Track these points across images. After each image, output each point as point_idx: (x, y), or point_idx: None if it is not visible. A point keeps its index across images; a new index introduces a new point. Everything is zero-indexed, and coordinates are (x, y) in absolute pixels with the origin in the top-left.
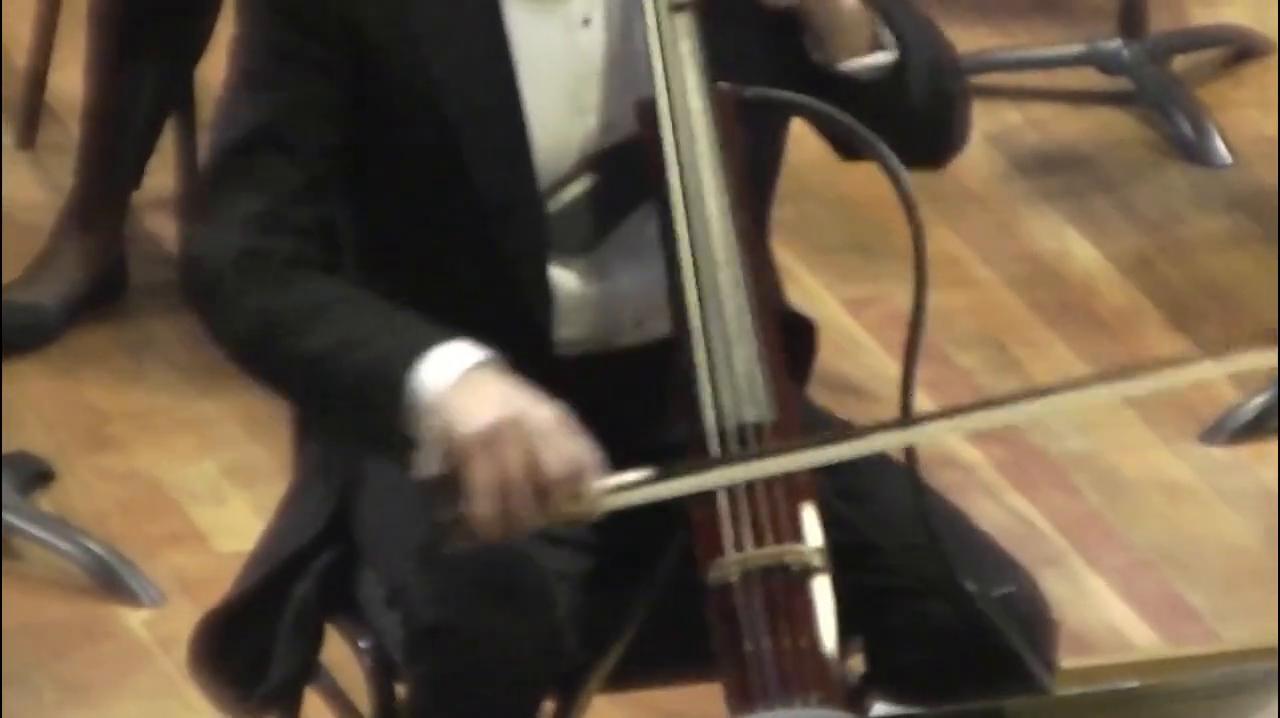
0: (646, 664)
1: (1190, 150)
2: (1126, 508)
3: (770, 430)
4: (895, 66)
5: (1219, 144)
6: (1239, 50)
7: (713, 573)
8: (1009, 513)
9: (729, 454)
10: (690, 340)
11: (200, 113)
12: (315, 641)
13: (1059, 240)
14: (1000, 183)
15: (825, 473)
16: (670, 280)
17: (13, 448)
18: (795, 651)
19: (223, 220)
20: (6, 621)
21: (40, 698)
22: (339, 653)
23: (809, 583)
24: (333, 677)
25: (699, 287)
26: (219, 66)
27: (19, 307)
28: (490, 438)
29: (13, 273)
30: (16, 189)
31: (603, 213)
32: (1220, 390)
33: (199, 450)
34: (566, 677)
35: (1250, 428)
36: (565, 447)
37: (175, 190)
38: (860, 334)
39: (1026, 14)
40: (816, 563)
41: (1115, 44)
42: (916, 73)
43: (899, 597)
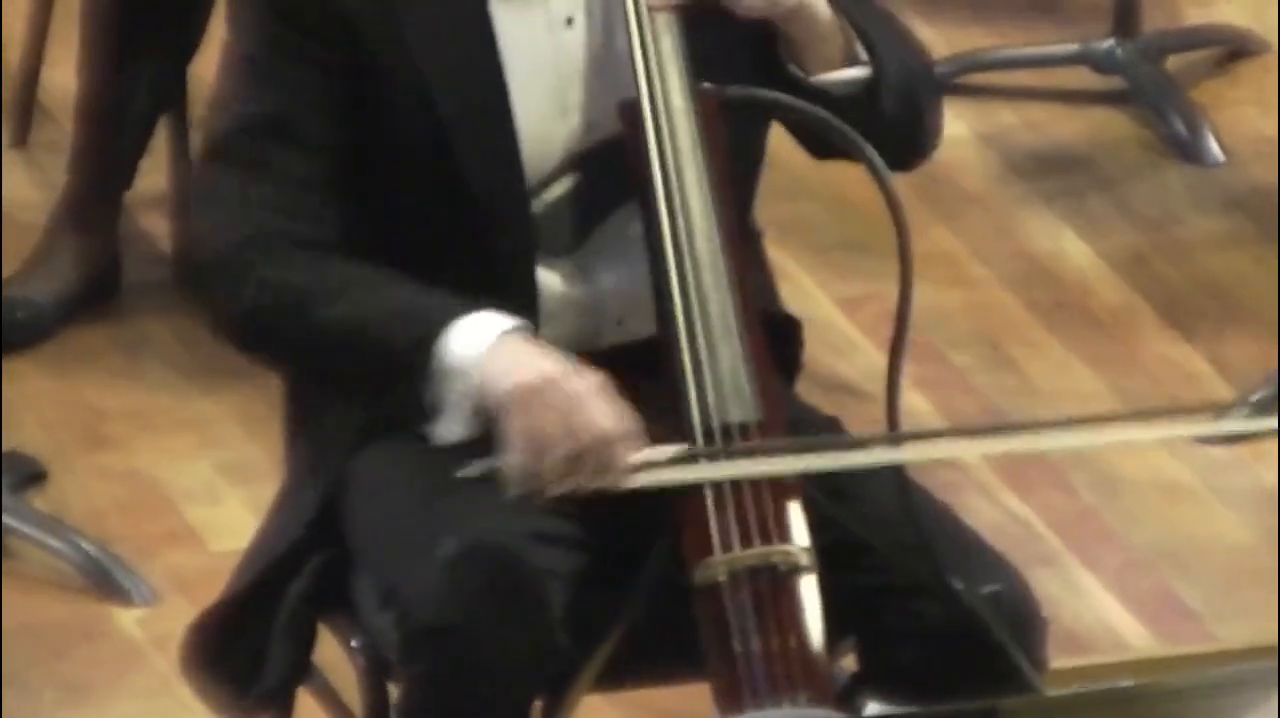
0: (639, 663)
1: (1185, 150)
2: (1123, 507)
3: (755, 430)
4: (868, 81)
5: (1213, 143)
6: (1233, 49)
7: (700, 573)
8: (1005, 512)
9: (755, 446)
10: (675, 340)
11: (193, 111)
12: (308, 641)
13: (1054, 240)
14: (995, 182)
15: (813, 473)
16: (654, 280)
17: (7, 447)
18: (784, 650)
19: (230, 205)
20: (2, 620)
21: (36, 698)
22: (332, 653)
23: (797, 583)
24: (325, 677)
25: (683, 286)
26: (212, 65)
27: (13, 305)
28: (531, 394)
29: (7, 271)
30: (10, 188)
31: (586, 212)
32: (1217, 388)
33: (195, 449)
34: (556, 675)
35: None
36: (605, 411)
37: (169, 189)
38: (854, 333)
39: (1021, 13)
40: (804, 563)
41: (1109, 43)
42: (889, 87)
43: (890, 596)
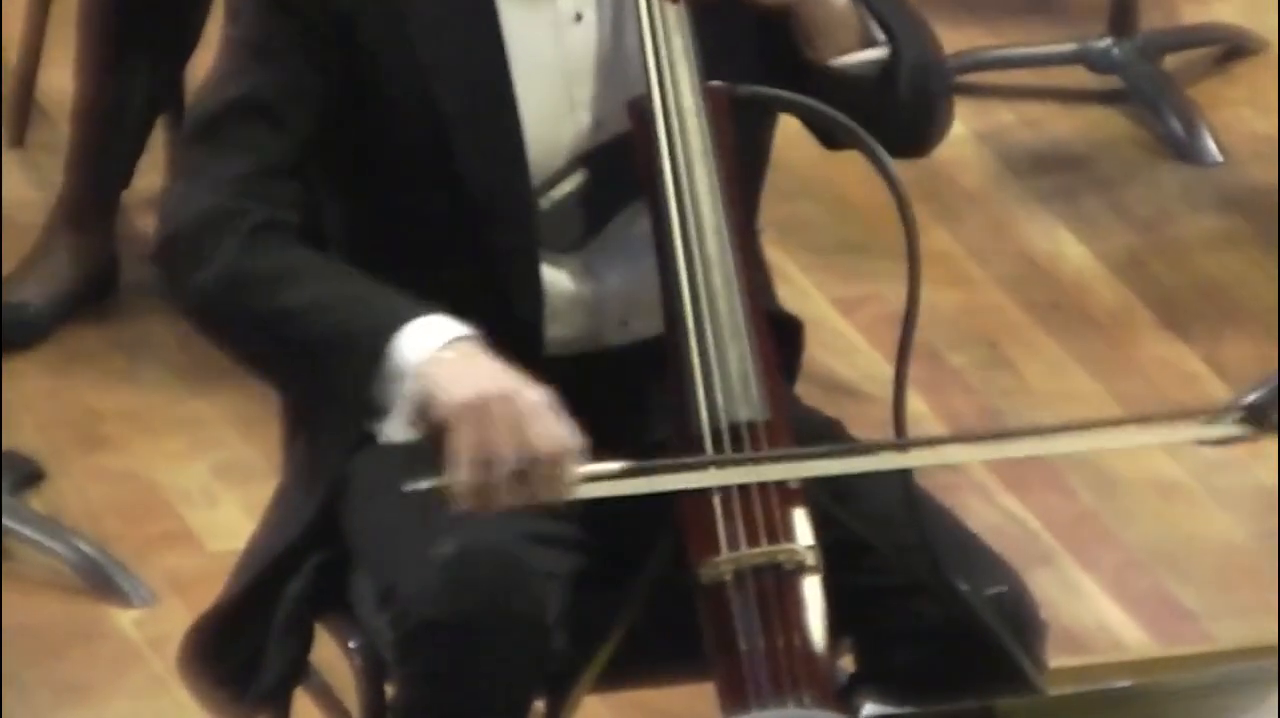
0: (637, 664)
1: (1181, 149)
2: (1120, 508)
3: (763, 430)
4: (885, 63)
5: (1210, 143)
6: (1230, 49)
7: (706, 572)
8: (1002, 513)
9: (712, 455)
10: (683, 339)
11: None
12: (306, 641)
13: (1051, 240)
14: (992, 182)
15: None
16: (663, 279)
17: (5, 448)
18: (788, 650)
19: (202, 180)
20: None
21: (33, 698)
22: (329, 653)
23: (802, 582)
24: (323, 677)
25: (691, 285)
26: (209, 65)
27: (10, 306)
28: (479, 408)
29: (4, 272)
30: (7, 188)
31: (592, 211)
32: (1214, 389)
33: (191, 450)
34: (556, 676)
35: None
36: (552, 427)
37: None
38: (852, 334)
39: (1017, 12)
40: (809, 562)
41: (1106, 43)
42: (905, 69)
43: (890, 596)
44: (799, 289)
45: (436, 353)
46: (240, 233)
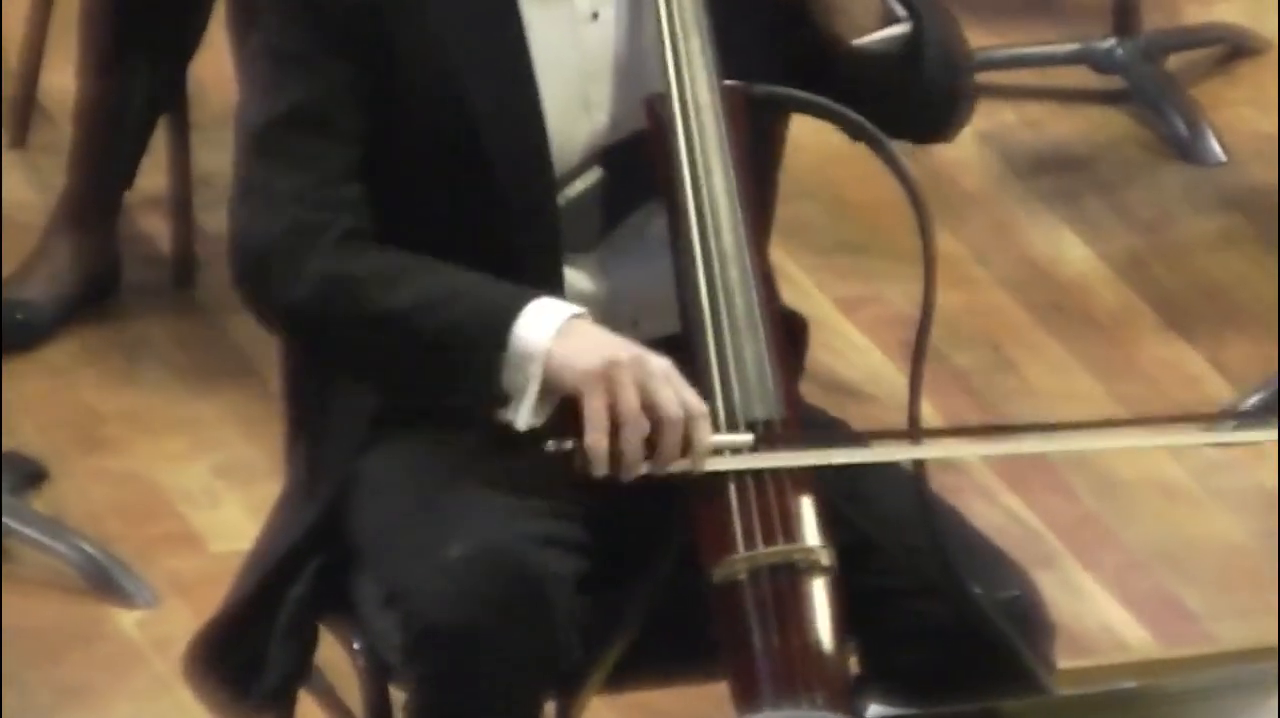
0: (641, 666)
1: (1184, 149)
2: (1122, 509)
3: (778, 427)
4: (908, 38)
5: (1213, 143)
6: (1233, 49)
7: (720, 571)
8: (1004, 514)
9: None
10: (700, 335)
11: (193, 112)
12: (309, 642)
13: (1053, 240)
14: (994, 183)
15: (830, 474)
16: (679, 276)
17: (6, 448)
18: (803, 650)
19: (270, 198)
20: (1, 622)
21: (34, 700)
22: (333, 655)
23: (817, 582)
24: (326, 678)
25: (709, 281)
26: (212, 66)
27: (12, 306)
28: (609, 373)
29: (6, 272)
30: (9, 189)
31: (607, 210)
32: (1216, 391)
33: (193, 451)
34: (566, 678)
35: (1251, 421)
36: (681, 392)
37: (168, 190)
38: (854, 334)
39: (1020, 13)
40: (824, 563)
41: (1109, 43)
42: (929, 43)
43: (897, 597)
44: (800, 289)
45: (558, 332)
46: (327, 244)
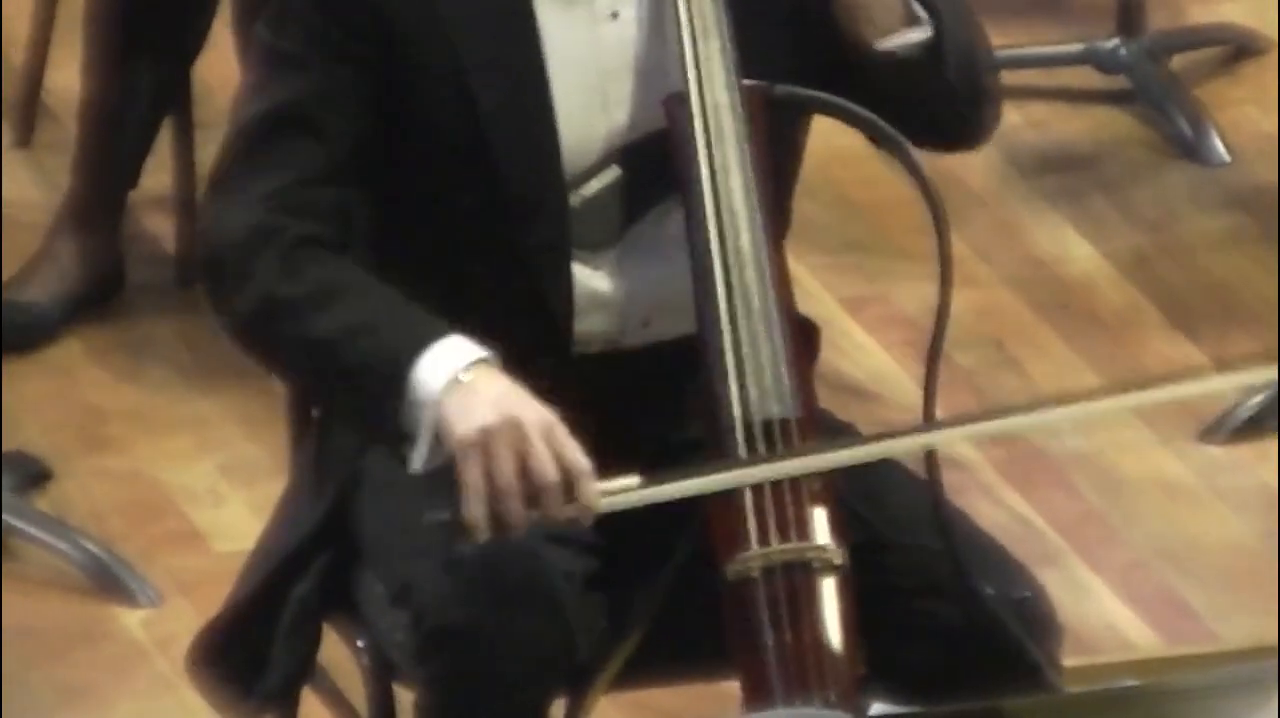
0: (648, 664)
1: (1189, 149)
2: (1125, 507)
3: (795, 428)
4: (931, 41)
5: (1217, 143)
6: (1237, 49)
7: (733, 568)
8: (1008, 513)
9: (729, 459)
10: (717, 334)
11: (197, 112)
12: (313, 641)
13: (1058, 240)
14: (999, 183)
15: (842, 473)
16: (696, 274)
17: (10, 448)
18: (814, 647)
19: (240, 195)
20: (5, 621)
21: (38, 699)
22: (337, 653)
23: (829, 580)
24: (330, 677)
25: (726, 280)
26: (216, 66)
27: (16, 306)
28: (484, 439)
29: (9, 272)
30: (13, 188)
31: (622, 209)
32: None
33: (197, 450)
34: (575, 676)
35: (1249, 427)
36: (559, 450)
37: (172, 190)
38: (859, 334)
39: (1024, 13)
40: (837, 561)
41: (1113, 43)
42: (952, 46)
43: (906, 597)
44: (805, 289)
45: (447, 383)
46: (278, 252)
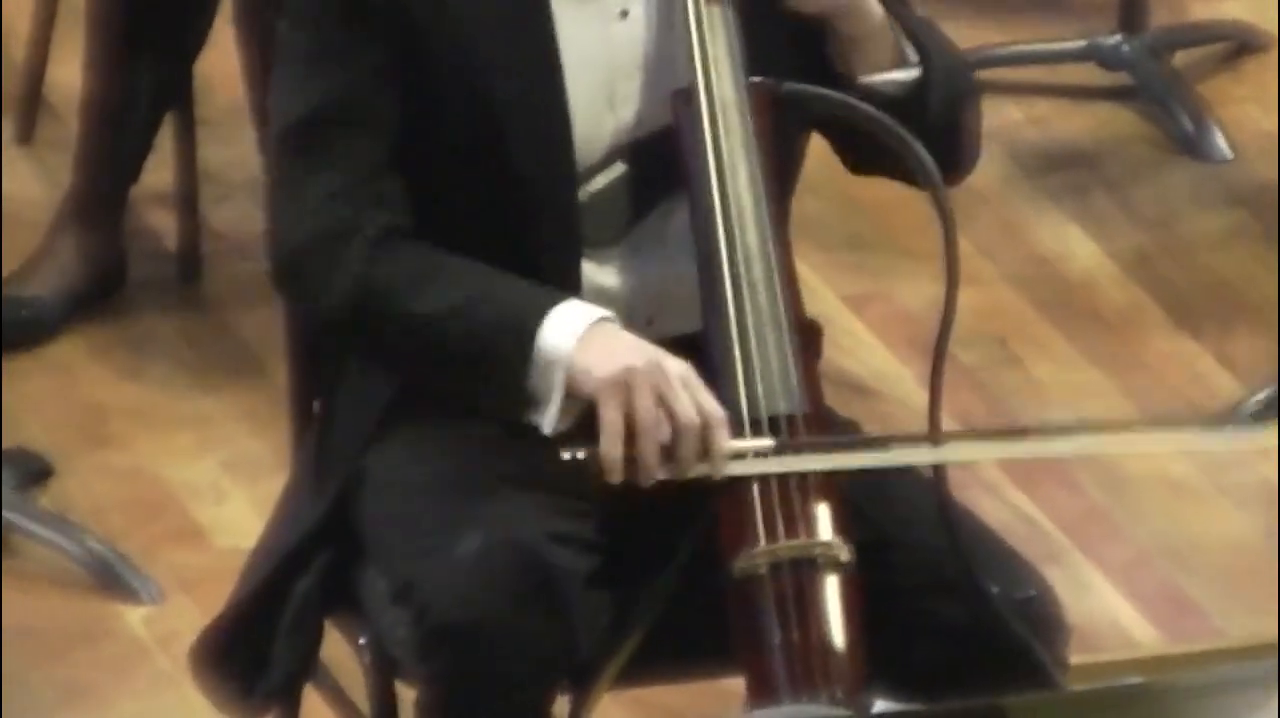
0: (650, 662)
1: (1191, 146)
2: (1128, 504)
3: (802, 424)
4: (917, 83)
5: (1220, 140)
6: (1239, 45)
7: (740, 564)
8: (1011, 510)
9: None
10: (724, 330)
11: (199, 108)
12: (315, 638)
13: (1060, 237)
14: (1001, 180)
15: (850, 472)
16: (702, 272)
17: (11, 444)
18: (821, 644)
19: (305, 197)
20: (5, 619)
21: (39, 696)
22: (339, 651)
23: (836, 577)
24: (332, 674)
25: (733, 276)
26: (218, 62)
27: (17, 303)
28: (627, 380)
29: (11, 269)
30: (14, 185)
31: (627, 206)
32: (1223, 386)
33: (198, 447)
34: (579, 673)
35: (1253, 423)
36: (698, 398)
37: (174, 186)
38: (861, 331)
39: (1026, 10)
40: (843, 558)
41: (1115, 39)
42: (937, 92)
43: (911, 595)
44: (807, 286)
45: (581, 336)
46: (363, 243)
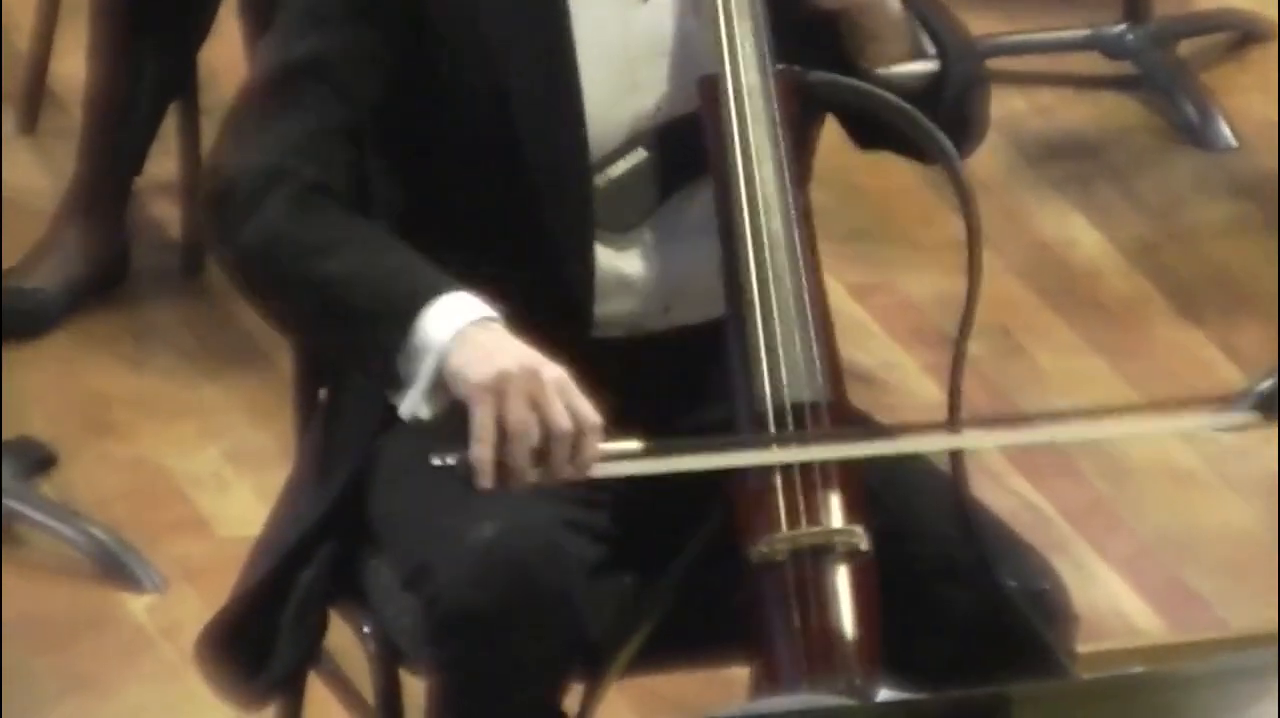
0: (654, 652)
1: (1195, 135)
2: (1132, 494)
3: (825, 412)
4: (934, 76)
5: (1224, 129)
6: (1243, 35)
7: (759, 551)
8: (1016, 500)
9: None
10: (748, 316)
11: (203, 98)
12: (319, 628)
13: (1064, 226)
14: (1005, 169)
15: (866, 461)
16: (726, 258)
17: (15, 434)
18: (840, 631)
19: (257, 137)
20: (8, 608)
21: (43, 685)
22: (342, 639)
23: (854, 565)
24: (336, 662)
25: (758, 263)
26: (222, 52)
27: (21, 293)
28: (500, 384)
29: (14, 258)
30: (18, 175)
31: (647, 192)
32: (1226, 375)
33: (202, 436)
34: (591, 661)
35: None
36: (572, 404)
37: (178, 176)
38: (866, 320)
39: None
40: (863, 546)
41: (1120, 28)
42: (951, 87)
43: (923, 584)
44: None
45: (460, 331)
46: (290, 192)
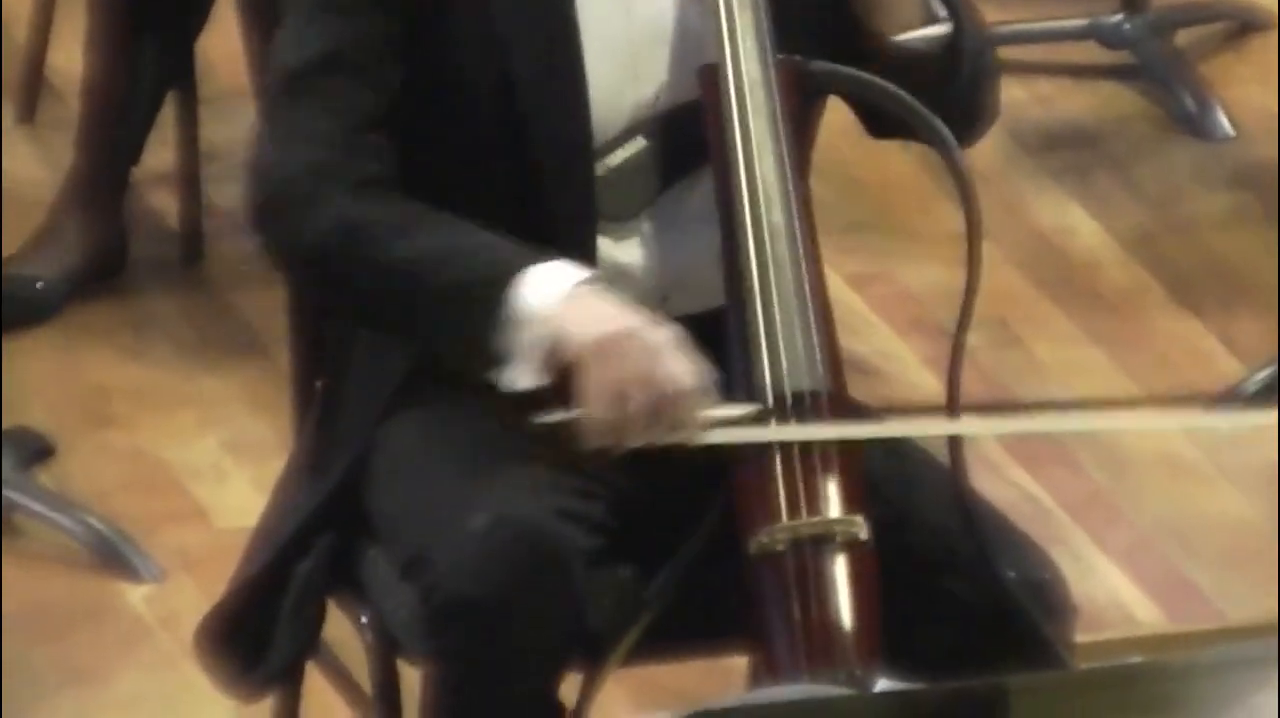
0: (652, 641)
1: (1193, 125)
2: (1130, 485)
3: (825, 400)
4: (948, 39)
5: (1221, 119)
6: (1241, 24)
7: (759, 541)
8: (1014, 490)
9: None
10: (749, 308)
11: (201, 88)
12: (317, 619)
13: (1062, 216)
14: (1004, 159)
15: (866, 451)
16: (726, 249)
17: (13, 424)
18: (840, 621)
19: (294, 136)
20: (6, 598)
21: (41, 675)
22: (340, 630)
23: (855, 555)
24: (334, 653)
25: (759, 252)
26: (220, 42)
27: (19, 283)
28: (610, 346)
29: (13, 249)
30: (16, 165)
31: (647, 181)
32: (1224, 366)
33: (200, 427)
34: (590, 651)
35: (1254, 404)
36: (682, 365)
37: (176, 166)
38: (864, 310)
39: None
40: (863, 535)
41: (1117, 18)
42: (968, 46)
43: (923, 575)
44: None
45: (563, 298)
46: (347, 185)
